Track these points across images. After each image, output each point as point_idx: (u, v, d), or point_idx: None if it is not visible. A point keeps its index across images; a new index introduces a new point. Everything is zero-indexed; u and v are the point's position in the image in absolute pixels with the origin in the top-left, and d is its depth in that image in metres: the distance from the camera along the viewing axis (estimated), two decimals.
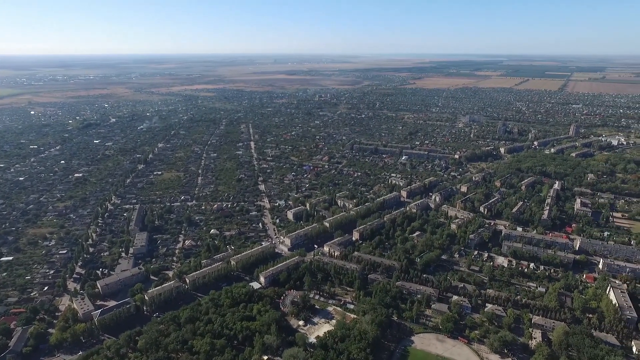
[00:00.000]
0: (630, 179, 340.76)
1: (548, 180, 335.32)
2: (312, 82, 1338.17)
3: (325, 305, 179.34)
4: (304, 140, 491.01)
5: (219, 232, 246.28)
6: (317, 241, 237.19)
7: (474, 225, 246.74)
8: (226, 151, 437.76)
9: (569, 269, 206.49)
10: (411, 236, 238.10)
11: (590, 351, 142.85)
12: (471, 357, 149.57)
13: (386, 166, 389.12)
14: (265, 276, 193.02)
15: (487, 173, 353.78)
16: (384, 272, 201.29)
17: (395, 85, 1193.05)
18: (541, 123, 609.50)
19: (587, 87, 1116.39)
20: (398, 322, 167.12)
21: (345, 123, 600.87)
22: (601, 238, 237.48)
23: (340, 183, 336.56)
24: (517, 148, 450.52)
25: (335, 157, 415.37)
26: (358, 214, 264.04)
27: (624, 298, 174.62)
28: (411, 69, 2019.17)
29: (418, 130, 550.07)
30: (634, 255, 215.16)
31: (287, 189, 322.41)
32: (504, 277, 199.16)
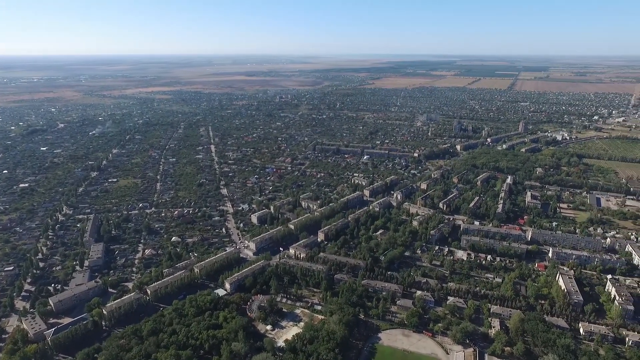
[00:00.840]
0: (574, 171, 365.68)
1: (501, 175, 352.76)
2: (273, 83, 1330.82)
3: (292, 308, 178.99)
4: (266, 142, 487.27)
5: (181, 240, 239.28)
6: (283, 244, 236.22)
7: (434, 221, 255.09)
8: (186, 155, 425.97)
9: (523, 259, 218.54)
10: (375, 235, 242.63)
11: (543, 335, 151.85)
12: (435, 350, 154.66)
13: (348, 166, 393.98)
14: (230, 282, 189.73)
15: (445, 170, 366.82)
16: (350, 271, 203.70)
17: (354, 86, 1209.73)
18: (493, 120, 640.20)
19: (533, 86, 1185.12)
20: (365, 320, 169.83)
21: (306, 124, 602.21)
22: (550, 228, 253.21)
23: (304, 184, 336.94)
24: (472, 145, 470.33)
25: (297, 158, 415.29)
26: (322, 214, 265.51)
27: (571, 284, 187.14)
28: (370, 69, 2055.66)
29: (378, 129, 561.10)
30: (579, 243, 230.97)
31: (250, 192, 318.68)
32: (464, 270, 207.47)
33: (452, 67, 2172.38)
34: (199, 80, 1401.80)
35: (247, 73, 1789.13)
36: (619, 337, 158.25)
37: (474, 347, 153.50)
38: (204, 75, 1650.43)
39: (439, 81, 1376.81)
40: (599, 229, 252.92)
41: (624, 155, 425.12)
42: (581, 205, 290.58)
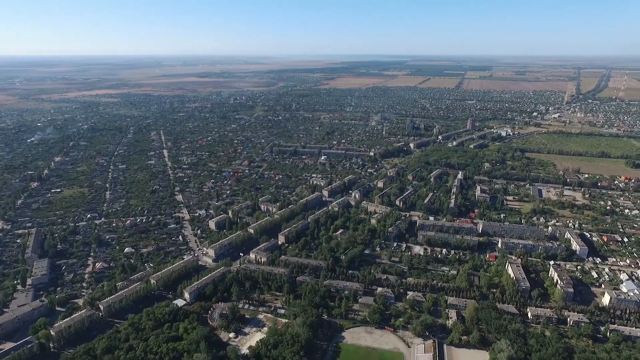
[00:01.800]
0: (518, 165, 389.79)
1: (452, 171, 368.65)
2: (226, 84, 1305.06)
3: (255, 313, 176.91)
4: (222, 145, 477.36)
5: (135, 250, 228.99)
6: (243, 249, 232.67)
7: (391, 218, 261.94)
8: (136, 161, 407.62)
9: (475, 251, 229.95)
10: (335, 234, 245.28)
11: (496, 322, 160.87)
12: (398, 344, 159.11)
13: (306, 167, 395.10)
14: (190, 292, 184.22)
15: (400, 168, 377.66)
16: (312, 272, 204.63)
17: (310, 86, 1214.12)
18: (443, 118, 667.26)
19: (478, 85, 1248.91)
20: (328, 320, 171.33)
21: (262, 126, 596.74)
22: (498, 220, 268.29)
23: (262, 187, 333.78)
24: (424, 143, 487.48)
25: (255, 161, 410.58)
26: (282, 217, 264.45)
27: (519, 271, 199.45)
28: (324, 69, 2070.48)
29: (334, 129, 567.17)
30: (525, 233, 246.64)
31: (207, 197, 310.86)
32: (421, 264, 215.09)
33: (403, 67, 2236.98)
34: (147, 83, 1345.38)
35: (199, 74, 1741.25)
36: (561, 318, 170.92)
37: (433, 339, 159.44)
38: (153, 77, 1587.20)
39: (391, 81, 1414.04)
40: (542, 219, 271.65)
41: (561, 148, 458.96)
42: (525, 197, 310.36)
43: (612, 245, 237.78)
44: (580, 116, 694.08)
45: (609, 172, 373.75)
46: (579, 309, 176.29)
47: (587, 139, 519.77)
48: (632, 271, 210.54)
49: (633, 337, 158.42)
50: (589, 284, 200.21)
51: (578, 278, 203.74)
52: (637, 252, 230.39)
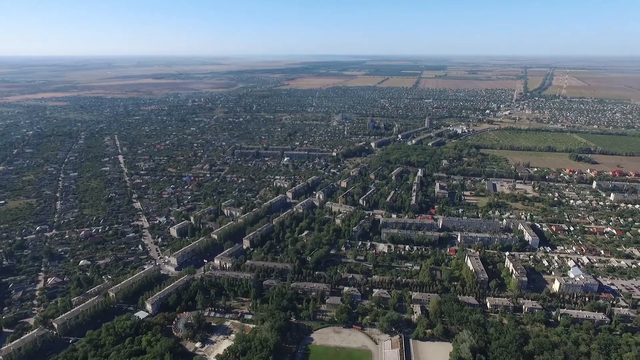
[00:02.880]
0: (473, 161, 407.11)
1: (413, 169, 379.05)
2: (183, 86, 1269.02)
3: (222, 321, 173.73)
4: (181, 149, 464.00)
5: (91, 262, 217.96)
6: (207, 255, 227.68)
7: (355, 217, 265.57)
8: (89, 168, 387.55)
9: (436, 246, 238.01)
10: (300, 236, 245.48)
11: (458, 314, 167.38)
12: (365, 342, 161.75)
13: (269, 169, 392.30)
14: (152, 302, 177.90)
15: (363, 167, 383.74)
16: (279, 275, 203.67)
17: (270, 87, 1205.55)
18: (402, 117, 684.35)
19: (434, 84, 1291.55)
20: (297, 322, 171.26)
21: (223, 128, 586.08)
22: (457, 215, 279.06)
23: (225, 191, 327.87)
24: (385, 142, 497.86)
25: (216, 164, 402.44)
26: (246, 221, 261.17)
27: (477, 264, 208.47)
28: (284, 70, 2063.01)
29: (296, 130, 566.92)
30: (482, 226, 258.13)
31: (167, 203, 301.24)
32: (386, 262, 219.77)
33: (362, 67, 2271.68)
34: (99, 85, 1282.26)
35: (155, 76, 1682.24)
36: (517, 306, 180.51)
37: (399, 334, 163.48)
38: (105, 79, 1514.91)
39: (351, 81, 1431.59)
40: (497, 212, 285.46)
41: (512, 144, 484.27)
42: (481, 192, 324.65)
43: (560, 234, 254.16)
44: (528, 113, 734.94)
45: (555, 165, 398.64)
46: (533, 296, 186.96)
47: (535, 134, 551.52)
48: (578, 258, 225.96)
49: (580, 319, 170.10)
50: (540, 272, 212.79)
51: (531, 267, 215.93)
52: (582, 239, 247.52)
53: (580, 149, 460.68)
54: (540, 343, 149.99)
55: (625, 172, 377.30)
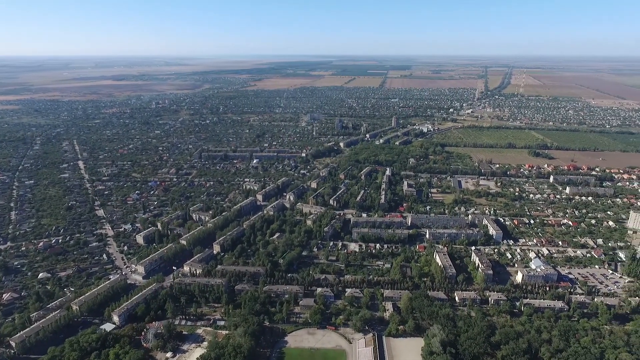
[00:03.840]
0: (439, 159, 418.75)
1: (381, 168, 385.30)
2: (146, 87, 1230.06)
3: (193, 328, 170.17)
4: (145, 153, 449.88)
5: (51, 275, 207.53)
6: (176, 262, 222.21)
7: (326, 218, 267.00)
8: (47, 176, 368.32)
9: (406, 243, 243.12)
10: (272, 239, 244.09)
11: (428, 309, 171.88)
12: (340, 342, 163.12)
13: (238, 171, 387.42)
14: (119, 314, 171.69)
15: (332, 167, 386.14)
16: (251, 279, 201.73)
17: (237, 88, 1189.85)
18: (369, 117, 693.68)
19: (400, 83, 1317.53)
20: (270, 326, 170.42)
21: (189, 130, 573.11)
22: (425, 212, 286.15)
23: (193, 195, 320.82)
24: (353, 142, 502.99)
25: (183, 168, 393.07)
26: (216, 225, 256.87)
27: (445, 259, 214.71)
28: (250, 70, 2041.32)
29: (265, 132, 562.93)
30: (448, 223, 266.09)
31: (133, 210, 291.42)
32: (357, 261, 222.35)
33: (329, 67, 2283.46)
34: (55, 87, 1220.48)
35: (115, 77, 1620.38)
36: (484, 299, 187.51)
37: (373, 332, 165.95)
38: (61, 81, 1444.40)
39: (318, 81, 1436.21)
40: (462, 208, 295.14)
41: (475, 141, 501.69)
42: (447, 189, 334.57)
43: (522, 227, 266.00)
44: (489, 111, 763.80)
45: (515, 161, 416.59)
46: (498, 288, 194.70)
47: (496, 131, 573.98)
48: (538, 249, 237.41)
49: (542, 308, 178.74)
50: (505, 265, 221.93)
51: (496, 260, 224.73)
52: (542, 232, 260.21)
53: (538, 145, 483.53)
54: (505, 333, 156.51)
55: (579, 166, 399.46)
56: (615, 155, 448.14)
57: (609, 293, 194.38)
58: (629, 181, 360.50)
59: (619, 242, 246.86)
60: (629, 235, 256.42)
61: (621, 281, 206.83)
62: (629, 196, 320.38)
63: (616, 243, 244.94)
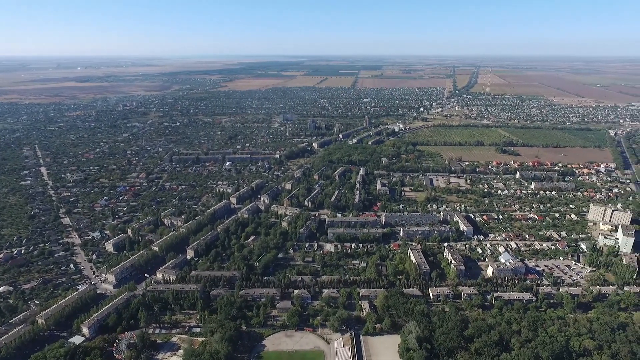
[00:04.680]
0: (411, 158, 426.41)
1: (355, 168, 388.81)
2: (113, 89, 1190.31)
3: (168, 337, 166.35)
4: (113, 157, 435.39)
5: (14, 288, 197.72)
6: (148, 269, 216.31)
7: (302, 219, 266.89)
8: (6, 183, 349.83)
9: (381, 242, 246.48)
10: (247, 242, 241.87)
11: (404, 307, 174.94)
12: (318, 343, 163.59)
13: (211, 174, 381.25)
14: (89, 325, 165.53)
15: (306, 168, 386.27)
16: (226, 284, 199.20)
17: (207, 89, 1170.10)
18: (342, 117, 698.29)
19: (371, 83, 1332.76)
20: (248, 330, 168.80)
21: (159, 133, 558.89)
22: (398, 210, 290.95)
23: (164, 200, 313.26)
24: (326, 142, 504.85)
25: (153, 172, 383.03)
26: (189, 230, 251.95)
27: (419, 256, 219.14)
28: (221, 71, 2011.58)
29: (237, 133, 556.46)
30: (421, 220, 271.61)
31: (101, 217, 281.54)
32: (333, 261, 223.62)
33: (301, 67, 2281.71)
34: (12, 89, 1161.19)
35: (79, 79, 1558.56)
36: (457, 293, 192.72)
37: (350, 332, 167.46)
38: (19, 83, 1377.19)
39: (290, 81, 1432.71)
40: (434, 205, 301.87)
41: (445, 140, 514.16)
42: (419, 187, 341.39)
43: (491, 223, 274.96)
44: (458, 110, 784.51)
45: (484, 159, 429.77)
46: (470, 283, 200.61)
47: (465, 130, 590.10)
48: (507, 243, 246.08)
49: (512, 300, 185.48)
50: (476, 260, 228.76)
51: (467, 255, 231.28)
52: (510, 226, 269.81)
53: (504, 142, 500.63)
54: (478, 326, 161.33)
55: (543, 162, 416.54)
56: (575, 151, 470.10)
57: (572, 283, 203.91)
58: (589, 175, 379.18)
59: (581, 234, 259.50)
60: (589, 227, 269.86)
61: (583, 271, 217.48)
62: (588, 190, 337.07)
63: (578, 235, 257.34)
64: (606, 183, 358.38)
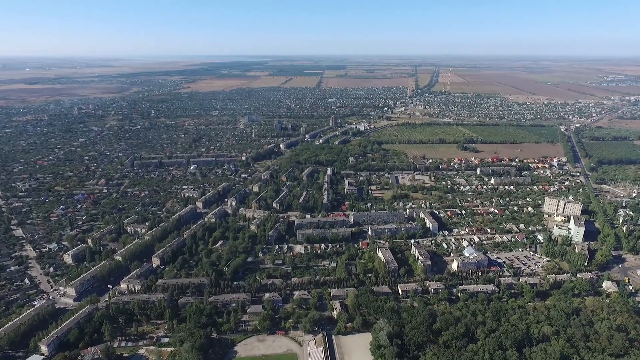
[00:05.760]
0: (377, 157, 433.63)
1: (322, 168, 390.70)
2: (66, 91, 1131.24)
3: (135, 349, 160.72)
4: (69, 164, 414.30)
5: None
6: (111, 280, 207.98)
7: (270, 222, 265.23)
8: None
9: (350, 241, 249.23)
10: (215, 247, 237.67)
11: (374, 304, 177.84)
12: (290, 345, 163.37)
13: (175, 179, 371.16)
14: (47, 343, 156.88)
15: (273, 170, 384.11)
16: (195, 291, 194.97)
17: (169, 90, 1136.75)
18: (308, 117, 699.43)
19: (336, 83, 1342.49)
20: (219, 337, 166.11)
21: (118, 137, 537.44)
22: (366, 209, 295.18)
23: (127, 207, 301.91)
24: (293, 143, 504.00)
25: (114, 178, 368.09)
26: (154, 237, 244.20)
27: (387, 254, 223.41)
28: (183, 71, 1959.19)
29: (202, 136, 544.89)
30: (389, 218, 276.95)
31: (58, 227, 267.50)
32: (304, 262, 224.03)
33: (265, 68, 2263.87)
34: None
35: (28, 80, 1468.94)
36: (424, 289, 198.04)
37: (322, 332, 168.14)
38: None
39: (254, 82, 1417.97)
40: (401, 203, 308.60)
41: (409, 138, 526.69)
42: (386, 185, 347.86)
43: (455, 218, 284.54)
44: (421, 108, 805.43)
45: (446, 156, 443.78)
46: (437, 277, 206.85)
47: (427, 128, 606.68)
48: (470, 238, 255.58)
49: (476, 292, 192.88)
50: (441, 255, 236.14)
51: (433, 251, 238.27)
52: (472, 221, 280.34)
53: (465, 139, 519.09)
54: (445, 320, 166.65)
55: (501, 158, 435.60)
56: (530, 147, 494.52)
57: (531, 273, 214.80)
58: (543, 170, 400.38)
59: (538, 225, 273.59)
60: (545, 219, 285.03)
61: (541, 261, 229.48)
62: (543, 183, 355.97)
63: (535, 227, 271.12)
64: (559, 176, 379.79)
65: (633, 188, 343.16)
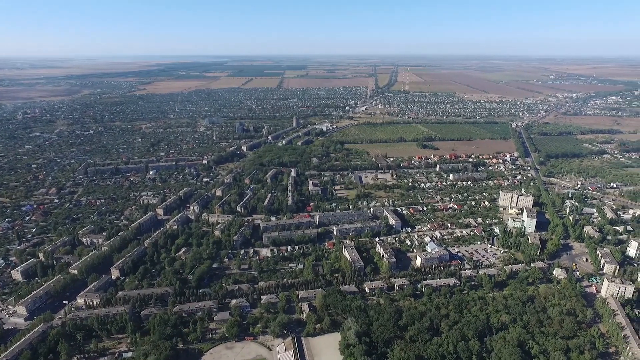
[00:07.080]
0: (340, 156, 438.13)
1: (286, 170, 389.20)
2: (8, 94, 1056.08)
3: None
4: (14, 172, 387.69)
5: None
6: (66, 296, 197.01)
7: (235, 226, 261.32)
8: None
9: (316, 242, 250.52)
10: (178, 255, 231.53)
11: (342, 304, 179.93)
12: (260, 351, 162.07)
13: (133, 185, 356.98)
14: None
15: (236, 173, 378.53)
16: (158, 302, 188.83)
17: (123, 92, 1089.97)
18: (270, 118, 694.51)
19: (297, 83, 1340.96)
20: (185, 348, 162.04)
21: (69, 143, 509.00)
22: (331, 209, 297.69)
23: (81, 217, 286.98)
24: (256, 144, 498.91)
25: (66, 186, 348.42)
26: (112, 247, 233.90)
27: (353, 253, 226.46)
28: (138, 73, 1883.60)
29: (160, 139, 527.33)
30: (353, 217, 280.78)
31: (4, 242, 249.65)
32: (270, 266, 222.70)
33: (225, 68, 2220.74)
34: None
35: None
36: (390, 286, 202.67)
37: (292, 335, 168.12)
38: None
39: (214, 83, 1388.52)
40: (365, 202, 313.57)
41: (370, 137, 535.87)
42: (350, 185, 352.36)
43: (417, 215, 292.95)
44: (381, 108, 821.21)
45: (407, 154, 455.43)
46: (402, 274, 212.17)
47: (388, 127, 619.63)
48: (432, 233, 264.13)
49: (439, 286, 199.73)
50: (405, 251, 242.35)
51: (398, 248, 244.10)
52: (433, 217, 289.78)
53: (424, 137, 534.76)
54: (411, 315, 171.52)
55: (459, 155, 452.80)
56: (485, 143, 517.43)
57: (489, 265, 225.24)
58: (497, 165, 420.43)
59: (494, 219, 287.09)
60: (500, 212, 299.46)
61: (498, 253, 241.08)
62: (498, 178, 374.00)
63: (492, 220, 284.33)
64: (512, 171, 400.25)
65: (577, 180, 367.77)
